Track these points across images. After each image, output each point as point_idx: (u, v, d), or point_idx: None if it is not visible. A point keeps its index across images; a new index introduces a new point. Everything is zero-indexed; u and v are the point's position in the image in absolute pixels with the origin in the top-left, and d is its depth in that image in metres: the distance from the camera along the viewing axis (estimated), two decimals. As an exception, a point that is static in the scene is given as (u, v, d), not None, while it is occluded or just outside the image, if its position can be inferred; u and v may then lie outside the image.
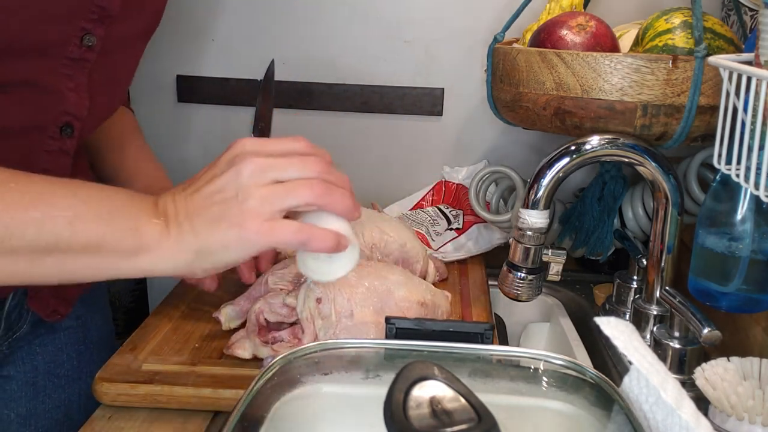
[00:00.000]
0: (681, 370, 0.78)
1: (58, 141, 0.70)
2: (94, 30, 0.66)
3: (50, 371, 0.82)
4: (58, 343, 0.83)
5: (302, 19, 1.15)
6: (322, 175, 0.57)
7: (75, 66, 0.67)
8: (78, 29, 0.65)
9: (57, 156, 0.70)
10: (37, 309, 0.78)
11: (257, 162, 0.56)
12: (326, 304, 0.71)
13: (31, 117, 0.67)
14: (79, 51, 0.66)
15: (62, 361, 0.84)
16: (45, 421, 0.82)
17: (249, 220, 0.55)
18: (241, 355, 0.73)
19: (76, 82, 0.68)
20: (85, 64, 0.68)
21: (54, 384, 0.83)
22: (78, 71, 0.68)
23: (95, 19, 0.66)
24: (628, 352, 0.48)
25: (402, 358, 0.54)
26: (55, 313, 0.80)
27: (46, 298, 0.78)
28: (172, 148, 1.21)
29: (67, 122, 0.69)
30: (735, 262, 0.70)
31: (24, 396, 0.80)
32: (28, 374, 0.81)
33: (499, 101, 0.89)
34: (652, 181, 0.79)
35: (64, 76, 0.67)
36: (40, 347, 0.81)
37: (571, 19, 0.82)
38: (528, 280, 0.81)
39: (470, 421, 0.39)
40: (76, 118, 0.70)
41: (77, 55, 0.66)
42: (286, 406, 0.50)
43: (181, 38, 1.17)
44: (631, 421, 0.46)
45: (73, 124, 0.70)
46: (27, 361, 0.80)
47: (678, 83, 0.74)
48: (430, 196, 1.18)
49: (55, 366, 0.83)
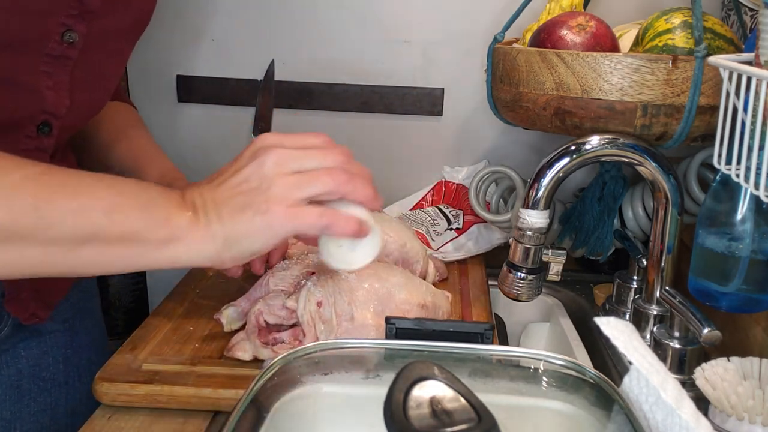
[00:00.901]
0: (681, 370, 0.78)
1: (35, 140, 0.68)
2: (75, 26, 0.65)
3: (35, 375, 0.81)
4: (43, 347, 0.81)
5: (302, 20, 1.15)
6: (343, 165, 0.60)
7: (56, 63, 0.66)
8: (58, 25, 0.64)
9: (34, 155, 0.68)
10: (15, 312, 0.76)
11: (280, 153, 0.59)
12: (327, 308, 0.71)
13: (7, 115, 0.65)
14: (60, 48, 0.65)
15: (48, 365, 0.82)
16: (30, 425, 0.80)
17: (274, 207, 0.57)
18: (242, 357, 0.73)
19: (55, 80, 0.66)
20: (67, 61, 0.66)
21: (39, 387, 0.81)
22: (59, 68, 0.66)
23: (76, 14, 0.64)
24: (627, 352, 0.48)
25: (402, 358, 0.54)
26: (33, 317, 0.77)
27: (25, 301, 0.76)
28: (172, 148, 1.20)
29: (45, 121, 0.68)
30: (735, 262, 0.70)
31: (8, 399, 0.78)
32: (12, 377, 0.79)
33: (499, 101, 0.89)
34: (652, 181, 0.79)
35: (43, 74, 0.65)
36: (24, 350, 0.79)
37: (571, 19, 0.82)
38: (528, 280, 0.81)
39: (470, 421, 0.39)
40: (54, 116, 0.68)
41: (58, 52, 0.65)
42: (286, 406, 0.50)
43: (181, 38, 1.17)
44: (631, 421, 0.46)
45: (51, 122, 0.69)
46: (11, 364, 0.78)
47: (678, 83, 0.74)
48: (430, 196, 1.18)
49: (40, 369, 0.81)
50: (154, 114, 1.19)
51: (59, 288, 0.81)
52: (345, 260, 0.63)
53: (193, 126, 1.21)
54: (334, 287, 0.72)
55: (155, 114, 1.19)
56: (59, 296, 0.81)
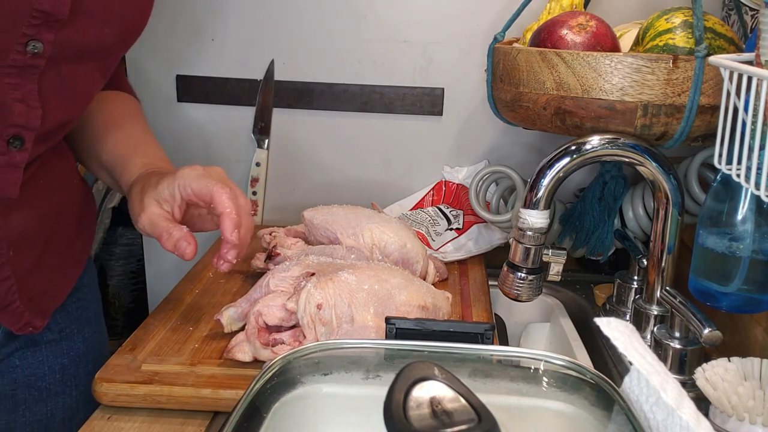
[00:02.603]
0: (681, 371, 0.78)
1: (5, 155, 0.66)
2: (39, 35, 0.62)
3: (30, 384, 0.79)
4: (39, 356, 0.80)
5: (302, 19, 1.15)
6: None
7: (21, 74, 0.63)
8: (19, 35, 0.61)
9: (3, 171, 0.66)
10: (7, 323, 0.74)
11: None
12: (327, 310, 0.71)
13: None
14: (24, 58, 0.62)
15: (43, 374, 0.80)
16: None
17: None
18: (242, 359, 0.73)
19: (23, 90, 0.64)
20: (32, 71, 0.64)
21: (34, 397, 0.80)
22: (25, 79, 0.64)
23: (38, 24, 0.62)
24: (627, 352, 0.48)
25: (402, 359, 0.54)
26: (27, 326, 0.75)
27: (18, 311, 0.73)
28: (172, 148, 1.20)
29: (15, 134, 0.65)
30: (735, 263, 0.70)
31: (3, 409, 0.77)
32: (7, 387, 0.77)
33: (500, 101, 0.89)
34: (653, 181, 0.79)
35: (9, 86, 0.63)
36: (20, 360, 0.78)
37: (571, 19, 0.82)
38: (528, 280, 0.81)
39: (470, 421, 0.39)
40: (25, 129, 0.66)
41: (22, 63, 0.63)
42: (286, 406, 0.50)
43: (180, 38, 1.17)
44: (631, 421, 0.46)
45: (23, 135, 0.66)
46: (6, 374, 0.77)
47: (678, 83, 0.74)
48: (430, 196, 1.18)
49: (35, 379, 0.80)
50: (154, 114, 1.19)
51: (55, 296, 0.79)
52: None
53: (192, 126, 1.21)
54: (334, 289, 0.72)
55: (155, 114, 1.19)
56: (55, 304, 0.79)
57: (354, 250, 0.87)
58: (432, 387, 0.41)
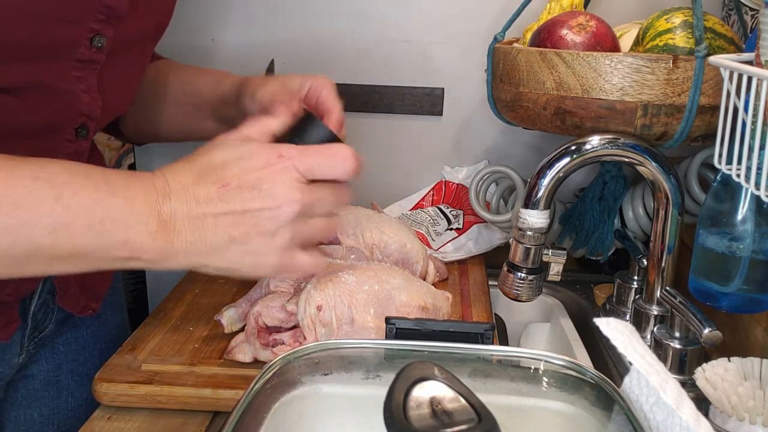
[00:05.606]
0: (681, 371, 0.78)
1: (74, 143, 0.69)
2: (103, 31, 0.66)
3: (73, 370, 0.83)
4: (81, 342, 0.83)
5: (302, 19, 1.15)
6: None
7: (85, 68, 0.66)
8: (87, 30, 0.64)
9: (73, 158, 0.69)
10: (68, 306, 0.78)
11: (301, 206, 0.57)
12: (327, 311, 0.71)
13: (45, 120, 0.66)
14: (89, 52, 0.65)
15: (84, 360, 0.84)
16: (68, 420, 0.82)
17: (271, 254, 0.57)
18: (242, 360, 0.73)
19: (87, 83, 0.67)
20: (95, 65, 0.67)
21: (76, 382, 0.83)
22: (88, 73, 0.67)
23: (103, 20, 0.65)
24: (627, 352, 0.48)
25: (402, 359, 0.54)
26: (86, 309, 0.80)
27: (75, 295, 0.78)
28: (172, 148, 1.21)
29: (83, 123, 0.69)
30: (736, 263, 0.70)
31: (47, 395, 0.80)
32: (51, 373, 0.81)
33: (499, 101, 0.89)
34: (653, 181, 0.79)
35: (75, 78, 0.66)
36: (63, 346, 0.81)
37: (571, 19, 0.82)
38: (528, 280, 0.81)
39: (470, 421, 0.39)
40: (90, 118, 0.69)
41: (87, 57, 0.66)
42: (286, 406, 0.50)
43: (181, 38, 1.17)
44: (631, 421, 0.46)
45: (88, 125, 0.70)
46: (51, 360, 0.80)
47: (678, 83, 0.74)
48: (430, 196, 1.18)
49: (77, 364, 0.83)
50: (154, 114, 1.18)
51: (104, 279, 0.83)
52: None
53: (193, 126, 1.21)
54: (334, 290, 0.72)
55: (155, 114, 1.18)
56: (104, 288, 0.84)
57: (354, 250, 0.87)
58: (432, 387, 0.41)
